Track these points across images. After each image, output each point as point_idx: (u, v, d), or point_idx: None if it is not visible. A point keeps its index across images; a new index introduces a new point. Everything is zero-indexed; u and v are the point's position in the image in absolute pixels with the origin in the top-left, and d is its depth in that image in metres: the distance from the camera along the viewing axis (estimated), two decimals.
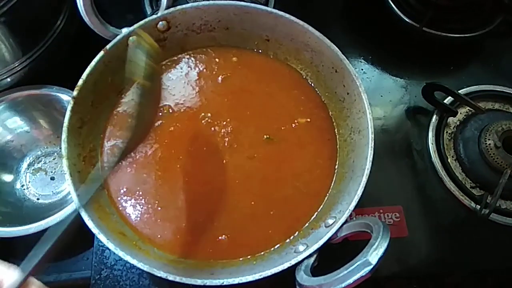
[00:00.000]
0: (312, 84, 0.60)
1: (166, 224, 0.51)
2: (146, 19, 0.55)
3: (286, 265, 0.44)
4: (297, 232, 0.52)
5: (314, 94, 0.60)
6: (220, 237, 0.51)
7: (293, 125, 0.58)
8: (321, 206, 0.53)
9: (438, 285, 0.61)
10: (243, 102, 0.59)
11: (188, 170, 0.54)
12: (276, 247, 0.51)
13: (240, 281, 0.43)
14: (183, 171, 0.54)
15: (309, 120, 0.58)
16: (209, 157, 0.55)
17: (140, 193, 0.53)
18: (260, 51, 0.62)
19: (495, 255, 0.61)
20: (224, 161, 0.55)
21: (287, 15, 0.56)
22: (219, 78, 0.60)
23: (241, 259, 0.50)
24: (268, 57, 0.62)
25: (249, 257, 0.50)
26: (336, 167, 0.56)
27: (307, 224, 0.52)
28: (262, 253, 0.50)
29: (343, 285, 0.38)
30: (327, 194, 0.54)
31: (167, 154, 0.55)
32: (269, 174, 0.55)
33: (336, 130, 0.58)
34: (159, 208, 0.52)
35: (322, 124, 0.58)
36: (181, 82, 0.59)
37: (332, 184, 0.55)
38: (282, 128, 0.57)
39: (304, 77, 0.61)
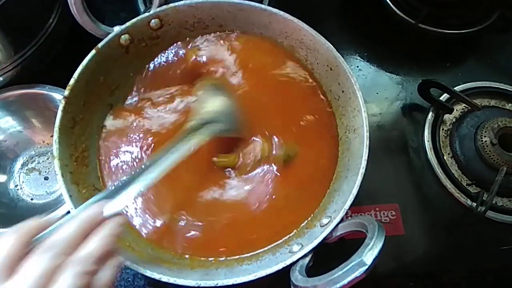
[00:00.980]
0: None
1: (160, 222, 0.51)
2: (138, 17, 0.55)
3: (280, 266, 0.43)
4: (293, 232, 0.51)
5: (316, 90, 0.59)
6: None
7: (302, 123, 0.56)
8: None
9: (436, 284, 0.61)
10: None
11: (189, 168, 0.52)
12: (271, 246, 0.50)
13: (235, 282, 0.43)
14: (185, 170, 0.53)
15: (317, 117, 0.57)
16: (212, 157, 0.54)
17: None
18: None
19: (491, 252, 0.61)
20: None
21: (281, 13, 0.55)
22: None
23: (236, 257, 0.50)
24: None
25: (243, 257, 0.50)
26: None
27: (303, 224, 0.52)
28: (257, 252, 0.50)
29: (337, 285, 0.37)
30: (326, 194, 0.53)
31: None
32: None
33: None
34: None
35: (327, 121, 0.57)
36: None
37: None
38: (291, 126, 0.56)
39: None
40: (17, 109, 0.65)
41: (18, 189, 0.65)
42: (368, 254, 0.38)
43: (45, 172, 0.67)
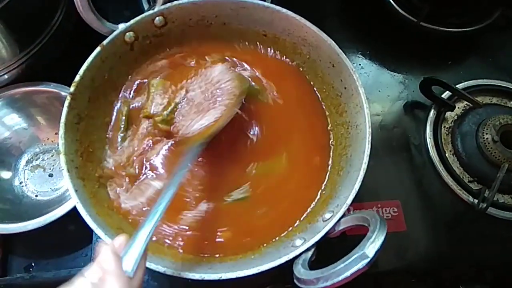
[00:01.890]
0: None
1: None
2: (143, 15, 0.55)
3: (283, 259, 0.44)
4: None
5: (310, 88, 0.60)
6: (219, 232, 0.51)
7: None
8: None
9: (436, 280, 0.61)
10: None
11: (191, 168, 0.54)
12: (274, 240, 0.51)
13: (238, 276, 0.43)
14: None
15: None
16: (212, 156, 0.55)
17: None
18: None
19: (492, 249, 0.61)
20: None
21: (284, 10, 0.56)
22: None
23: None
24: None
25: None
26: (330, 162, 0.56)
27: (305, 215, 0.52)
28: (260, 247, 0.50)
29: (340, 278, 0.38)
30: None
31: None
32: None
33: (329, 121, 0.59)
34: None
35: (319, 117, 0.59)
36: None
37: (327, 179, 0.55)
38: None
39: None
40: (22, 106, 0.65)
41: (22, 186, 0.66)
42: (370, 247, 0.38)
43: (50, 169, 0.67)
